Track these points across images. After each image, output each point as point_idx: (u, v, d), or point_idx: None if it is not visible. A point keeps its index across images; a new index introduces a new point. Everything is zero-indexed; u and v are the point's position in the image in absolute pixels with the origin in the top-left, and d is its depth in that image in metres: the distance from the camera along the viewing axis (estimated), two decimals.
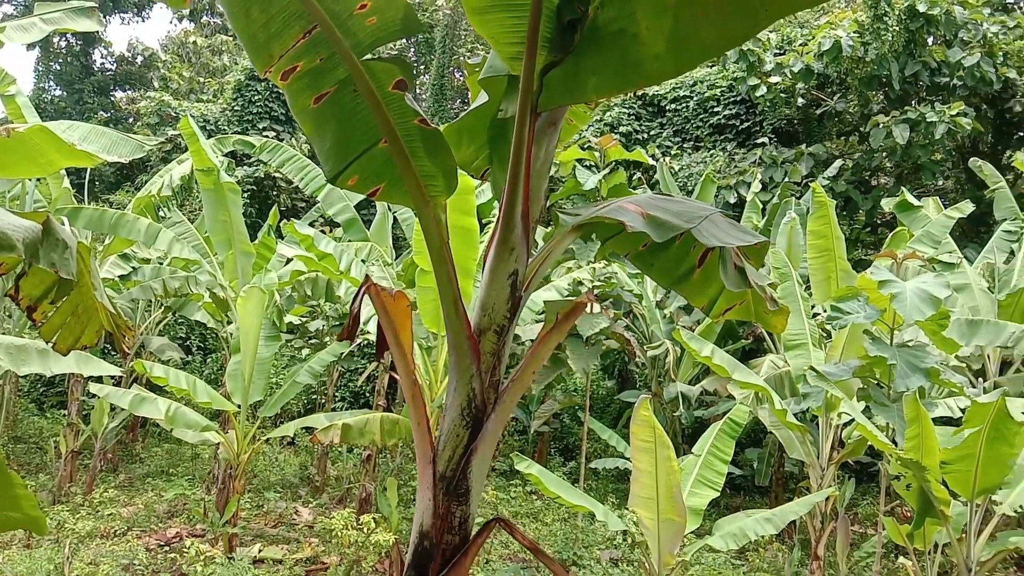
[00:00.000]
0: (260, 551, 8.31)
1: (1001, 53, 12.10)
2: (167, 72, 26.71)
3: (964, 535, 5.66)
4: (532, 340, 10.75)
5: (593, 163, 9.91)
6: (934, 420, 6.39)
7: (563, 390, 13.25)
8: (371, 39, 2.40)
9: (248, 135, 15.83)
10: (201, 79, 27.41)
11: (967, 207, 9.35)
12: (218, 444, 8.47)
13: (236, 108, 19.00)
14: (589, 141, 10.04)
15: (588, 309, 9.78)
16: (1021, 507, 5.56)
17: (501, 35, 2.46)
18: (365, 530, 7.25)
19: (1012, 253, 10.09)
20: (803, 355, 7.98)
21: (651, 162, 9.66)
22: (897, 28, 11.97)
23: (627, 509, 6.29)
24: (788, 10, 2.18)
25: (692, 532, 6.58)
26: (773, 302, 3.77)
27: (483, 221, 8.30)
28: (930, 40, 12.57)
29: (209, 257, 10.14)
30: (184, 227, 10.47)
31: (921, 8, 11.80)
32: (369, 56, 2.41)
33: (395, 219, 10.81)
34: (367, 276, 2.42)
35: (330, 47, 2.43)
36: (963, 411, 6.56)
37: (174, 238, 9.46)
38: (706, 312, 4.00)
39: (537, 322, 9.34)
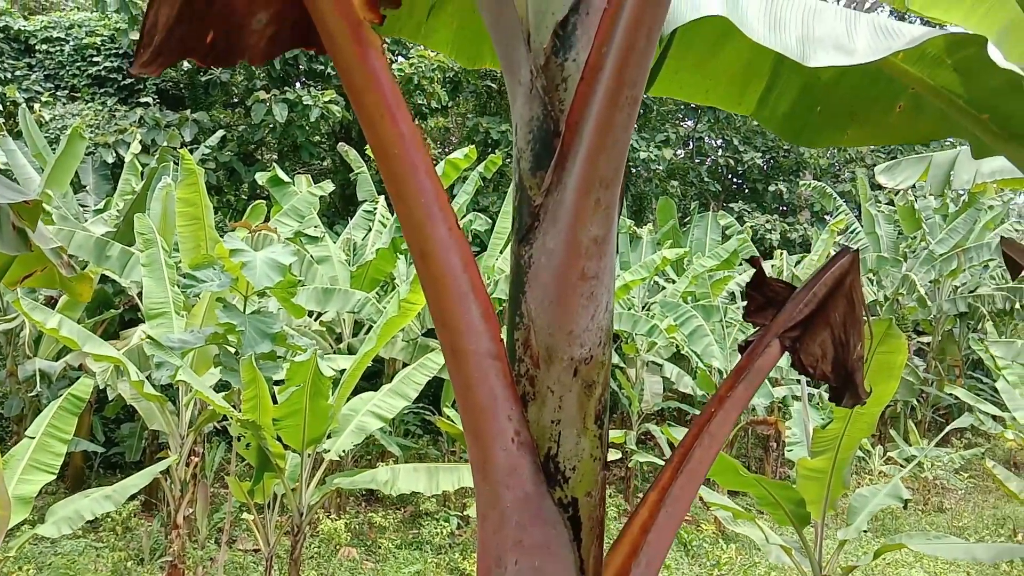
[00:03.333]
0: None
1: None
2: None
3: (299, 484, 6.23)
4: None
5: None
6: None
7: None
8: None
9: None
10: None
11: (328, 187, 10.28)
12: None
13: None
14: None
15: None
16: (344, 452, 6.33)
17: None
18: None
19: (369, 230, 11.47)
20: (165, 324, 7.79)
21: None
22: None
23: None
24: None
25: (25, 523, 5.93)
26: (70, 267, 3.54)
27: None
28: None
29: None
30: None
31: None
32: None
33: None
34: None
35: None
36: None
37: None
38: None
39: None
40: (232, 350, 6.87)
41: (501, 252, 10.99)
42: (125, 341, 9.39)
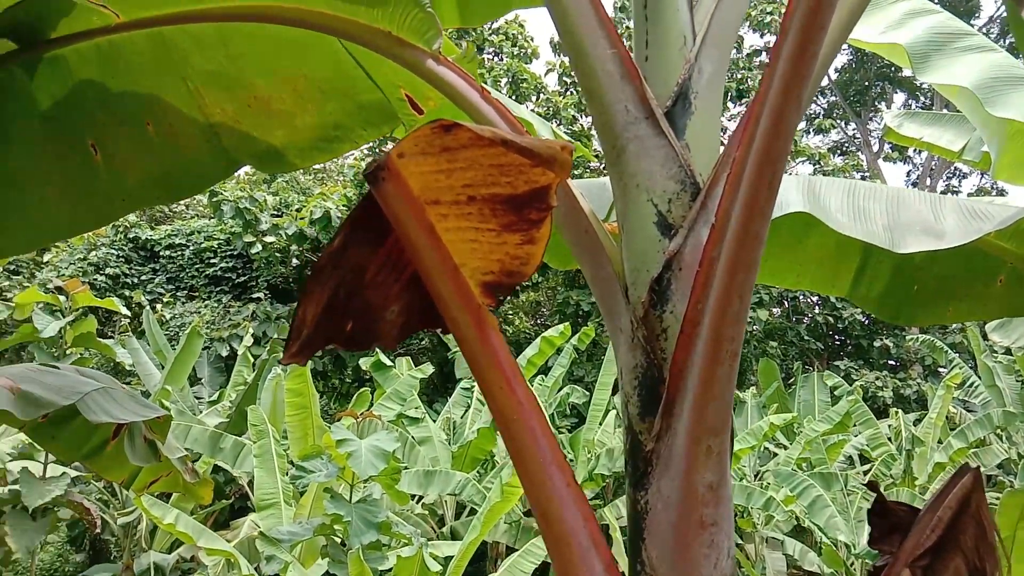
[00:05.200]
0: None
1: None
2: None
3: None
4: None
5: (58, 308, 8.96)
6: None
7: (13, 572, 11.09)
8: None
9: None
10: None
11: (428, 368, 10.56)
12: None
13: None
14: (53, 282, 9.10)
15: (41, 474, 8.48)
16: None
17: None
18: None
19: (468, 407, 11.60)
20: (275, 515, 7.94)
21: (124, 311, 9.08)
22: None
23: None
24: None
25: None
26: (194, 473, 3.73)
27: None
28: None
29: None
30: None
31: None
32: None
33: None
34: None
35: None
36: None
37: None
38: (127, 487, 3.81)
39: None
40: (339, 540, 6.90)
41: (600, 424, 10.86)
42: (235, 531, 9.57)
